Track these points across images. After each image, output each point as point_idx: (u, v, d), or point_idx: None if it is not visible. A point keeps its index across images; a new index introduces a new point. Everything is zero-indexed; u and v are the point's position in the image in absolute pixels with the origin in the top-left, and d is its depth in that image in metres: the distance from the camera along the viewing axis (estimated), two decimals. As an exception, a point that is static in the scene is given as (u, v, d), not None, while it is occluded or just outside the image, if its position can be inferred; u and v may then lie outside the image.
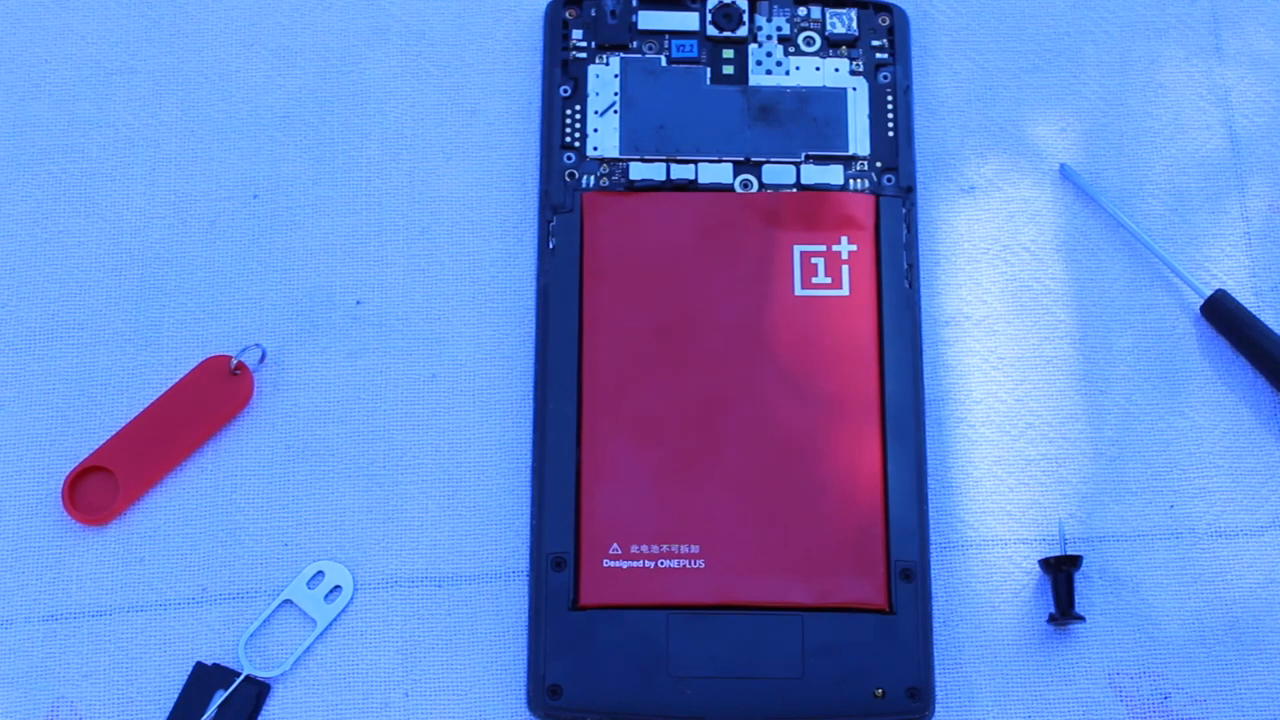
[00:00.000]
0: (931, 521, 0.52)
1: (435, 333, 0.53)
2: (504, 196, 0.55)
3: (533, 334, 0.53)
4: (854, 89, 0.54)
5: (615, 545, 0.50)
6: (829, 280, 0.52)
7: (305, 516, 0.52)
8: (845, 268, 0.52)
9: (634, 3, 0.54)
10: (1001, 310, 0.54)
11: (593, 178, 0.53)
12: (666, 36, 0.54)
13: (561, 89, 0.54)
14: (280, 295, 0.54)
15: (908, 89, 0.54)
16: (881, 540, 0.50)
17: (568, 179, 0.53)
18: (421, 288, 0.54)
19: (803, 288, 0.52)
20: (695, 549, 0.50)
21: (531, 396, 0.53)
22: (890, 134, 0.54)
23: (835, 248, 0.52)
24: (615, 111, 0.54)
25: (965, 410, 0.53)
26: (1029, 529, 0.52)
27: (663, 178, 0.53)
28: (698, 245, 0.52)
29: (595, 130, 0.53)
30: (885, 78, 0.54)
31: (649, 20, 0.54)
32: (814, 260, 0.52)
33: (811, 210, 0.52)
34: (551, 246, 0.52)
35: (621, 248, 0.52)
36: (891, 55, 0.54)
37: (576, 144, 0.53)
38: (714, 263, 0.52)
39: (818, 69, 0.54)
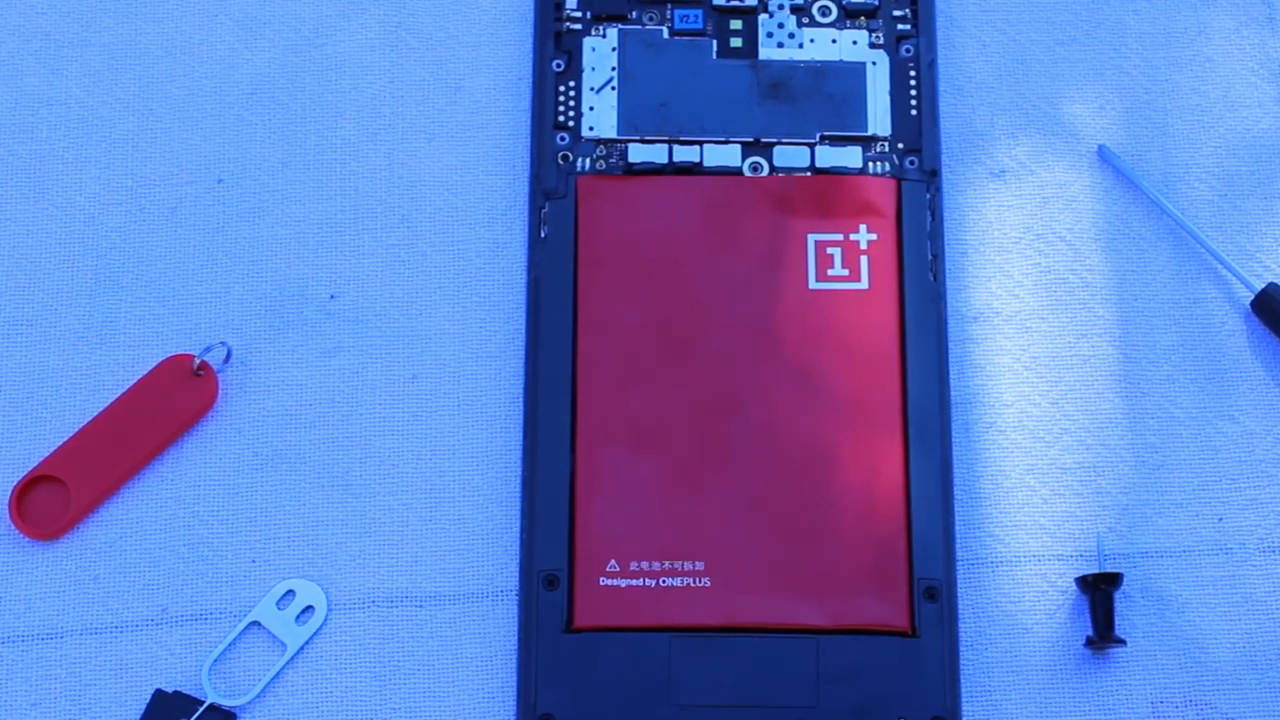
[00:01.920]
0: (958, 536, 0.52)
1: (416, 330, 0.53)
2: (491, 181, 0.55)
3: (523, 331, 0.53)
4: (873, 63, 0.54)
5: (613, 562, 0.50)
6: (846, 272, 0.52)
7: (274, 530, 0.52)
8: (864, 259, 0.52)
9: None
10: (1034, 305, 0.54)
11: (588, 160, 0.53)
12: (669, 6, 0.54)
13: (554, 63, 0.54)
14: (247, 289, 0.54)
15: (932, 63, 0.54)
16: (903, 556, 0.50)
17: (561, 162, 0.53)
18: (401, 280, 0.54)
19: (817, 280, 0.52)
20: (700, 566, 0.50)
21: (521, 399, 0.53)
22: (913, 113, 0.54)
23: (853, 237, 0.52)
24: (613, 88, 0.54)
25: (995, 414, 0.54)
26: (1064, 544, 0.52)
27: (664, 160, 0.53)
28: (703, 234, 0.52)
29: (591, 108, 0.53)
30: (908, 51, 0.54)
31: None
32: (830, 251, 0.52)
33: (827, 196, 0.52)
34: (543, 235, 0.52)
35: (620, 237, 0.52)
36: (914, 26, 0.54)
37: (571, 124, 0.53)
38: (721, 253, 0.52)
39: (834, 41, 0.54)
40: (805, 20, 0.54)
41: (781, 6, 0.55)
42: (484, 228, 0.54)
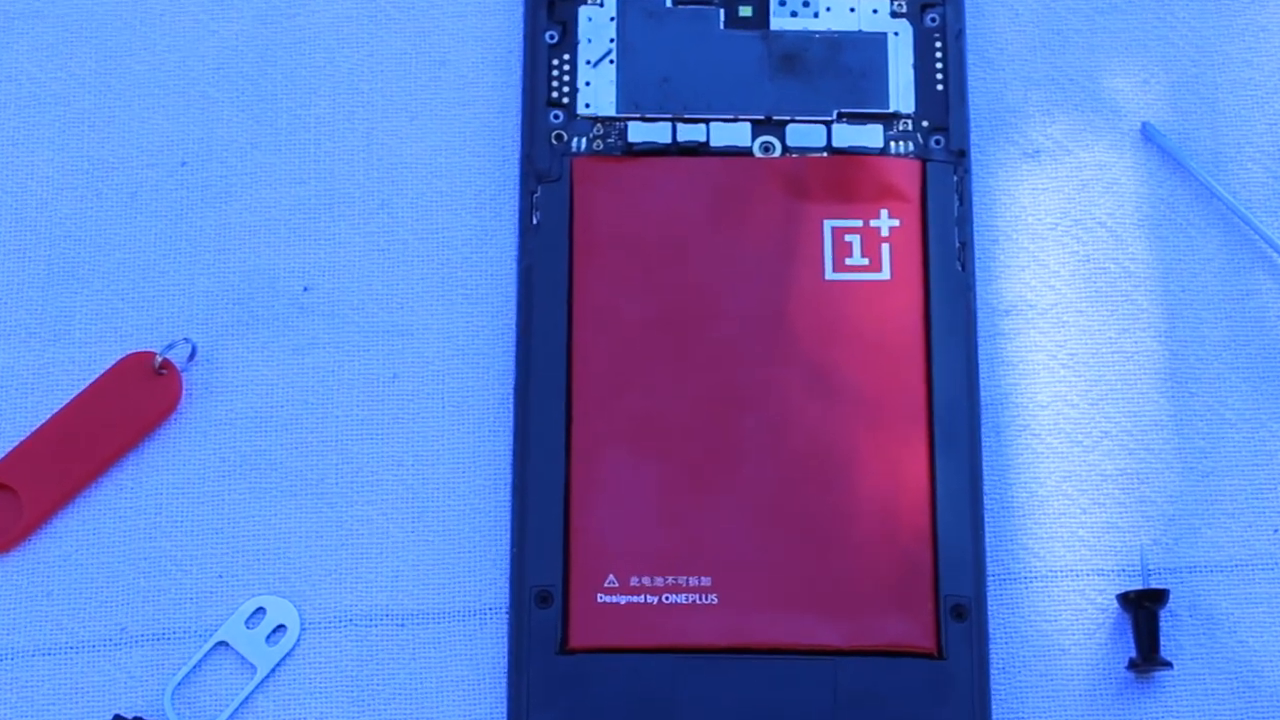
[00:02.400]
0: (989, 548, 0.51)
1: (397, 325, 0.53)
2: (479, 163, 0.54)
3: (513, 326, 0.53)
4: (896, 33, 0.53)
5: (611, 577, 0.49)
6: (866, 262, 0.51)
7: (243, 542, 0.52)
8: (885, 247, 0.51)
9: None
10: (1072, 297, 0.54)
11: (584, 140, 0.53)
12: None
13: (547, 34, 0.53)
14: (213, 280, 0.53)
15: (960, 33, 0.54)
16: (929, 571, 0.49)
17: (554, 141, 0.53)
18: (381, 271, 0.54)
19: (835, 271, 0.51)
20: (707, 581, 0.49)
21: (511, 400, 0.52)
22: (939, 87, 0.53)
23: (874, 223, 0.52)
24: (611, 61, 0.53)
25: (1029, 416, 0.53)
26: (1105, 558, 0.52)
27: (668, 140, 0.53)
28: (709, 220, 0.52)
29: (587, 84, 0.53)
30: (933, 20, 0.54)
31: None
32: (848, 238, 0.51)
33: (845, 178, 0.52)
34: (535, 222, 0.52)
35: (618, 223, 0.51)
36: None
37: (565, 100, 0.53)
38: (729, 241, 0.51)
39: (852, 10, 0.54)
40: (821, -15, 0.54)
41: (794, -28, 0.55)
42: (471, 213, 0.54)
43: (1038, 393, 0.53)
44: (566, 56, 0.53)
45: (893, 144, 0.53)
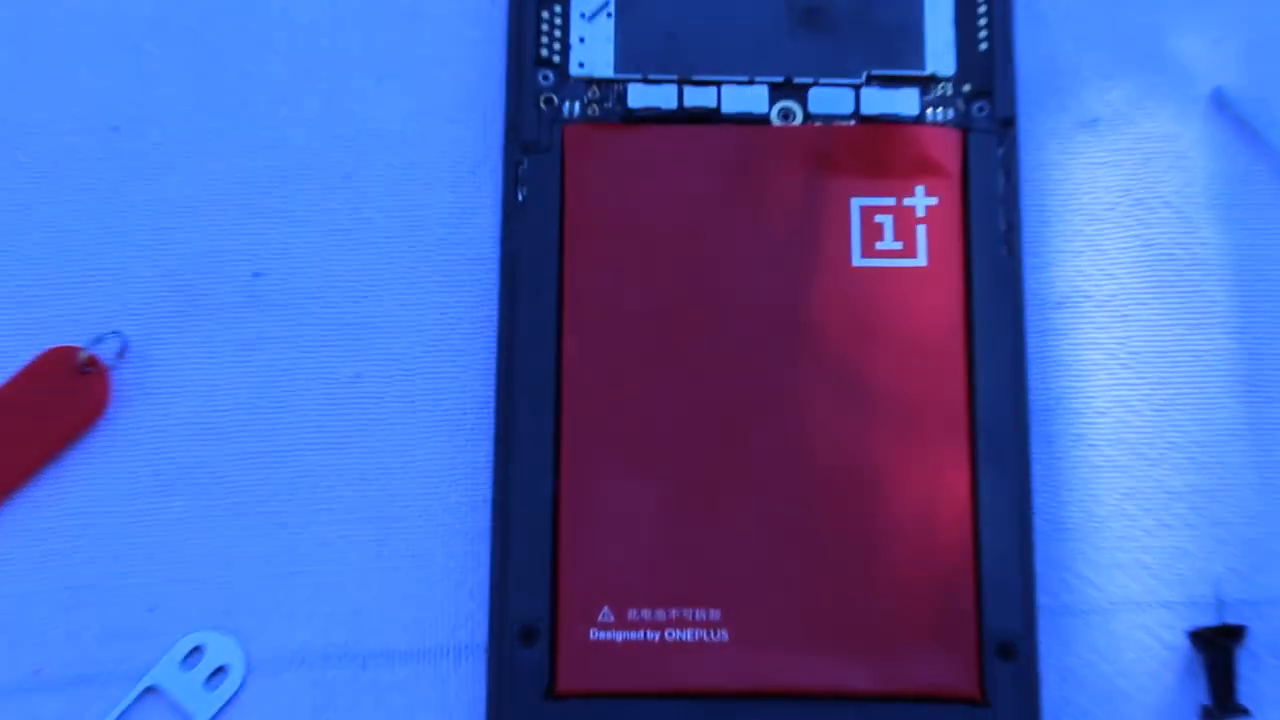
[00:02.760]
0: (1039, 577, 0.50)
1: (362, 317, 0.52)
2: (457, 130, 0.53)
3: (494, 319, 0.52)
4: None
5: (606, 610, 0.48)
6: (899, 246, 0.50)
7: (179, 570, 0.50)
8: (921, 229, 0.50)
9: None
10: (1134, 287, 0.52)
11: (578, 105, 0.52)
12: None
13: None
14: (148, 264, 0.52)
15: None
16: (971, 603, 0.48)
17: (543, 106, 0.52)
18: (343, 255, 0.52)
19: (864, 256, 0.50)
20: (716, 614, 0.48)
21: (492, 405, 0.51)
22: (983, 46, 0.52)
23: (908, 201, 0.51)
24: (609, 14, 0.52)
25: (1085, 424, 0.51)
26: (1173, 588, 0.50)
27: (673, 105, 0.51)
28: (720, 198, 0.51)
29: (581, 40, 0.52)
30: None
31: None
32: (879, 219, 0.50)
33: (876, 151, 0.51)
34: (521, 199, 0.51)
35: (616, 200, 0.50)
36: None
37: (556, 59, 0.52)
38: (742, 223, 0.50)
39: None
40: (849, -71, 0.55)
41: (820, -89, 0.55)
42: (447, 189, 0.53)
43: (1095, 397, 0.52)
44: (558, 9, 0.52)
45: (930, 111, 0.52)
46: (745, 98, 0.52)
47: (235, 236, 0.52)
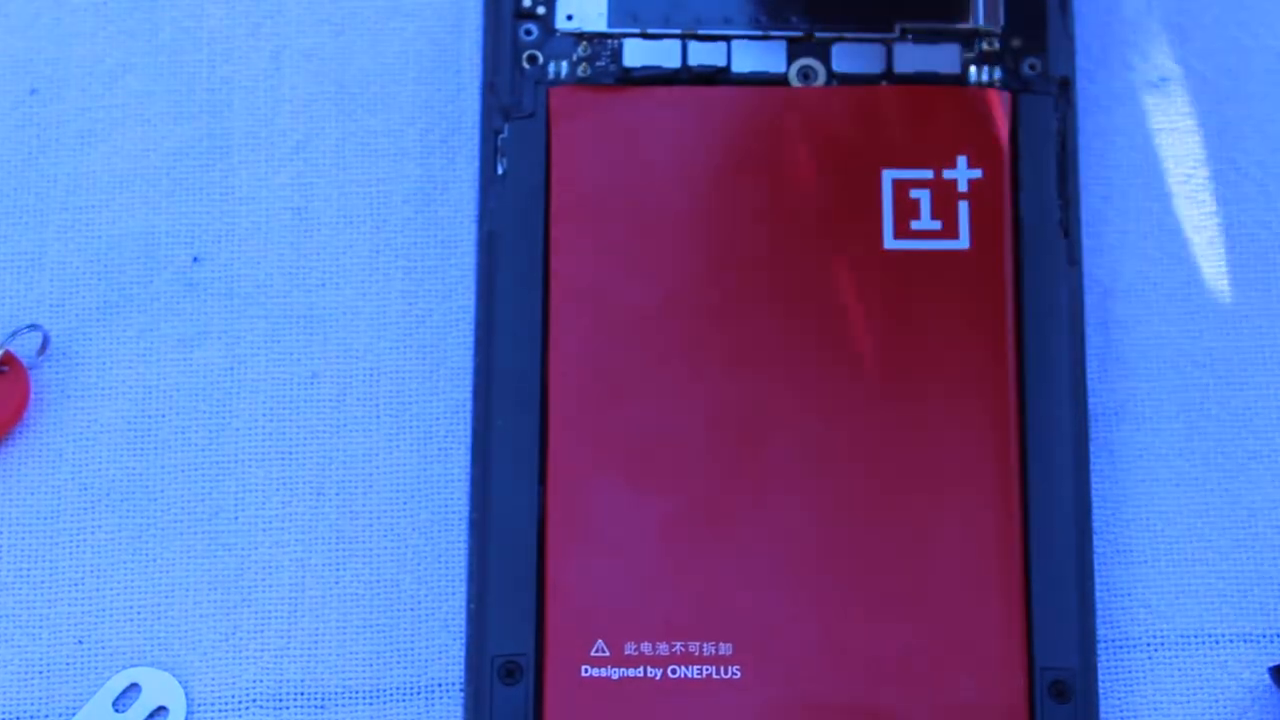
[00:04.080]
0: (1100, 606, 0.52)
1: (317, 308, 0.54)
2: (426, 93, 0.55)
3: (470, 310, 0.53)
4: None
5: (599, 644, 0.50)
6: (938, 225, 0.52)
7: (110, 597, 0.52)
8: (963, 205, 0.52)
9: None
10: (1209, 273, 0.54)
11: (565, 64, 0.53)
12: None
13: None
14: (71, 248, 0.54)
15: None
16: (1019, 635, 0.50)
17: (527, 66, 0.53)
18: (295, 237, 0.54)
19: (897, 237, 0.52)
20: (727, 649, 0.50)
21: (468, 409, 0.53)
22: None
23: (948, 174, 0.52)
24: None
25: (1151, 431, 0.53)
26: (1252, 619, 0.52)
27: (675, 64, 0.53)
28: (730, 171, 0.52)
29: None
30: None
31: None
32: (915, 194, 0.52)
33: (911, 116, 0.53)
34: (501, 171, 0.52)
35: (610, 174, 0.52)
36: None
37: (541, 10, 0.53)
38: (756, 199, 0.52)
39: None
40: None
41: None
42: (415, 160, 0.54)
43: (1162, 400, 0.54)
44: None
45: (974, 69, 0.54)
46: (759, 55, 0.53)
47: (170, 216, 0.54)
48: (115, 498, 0.52)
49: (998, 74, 0.54)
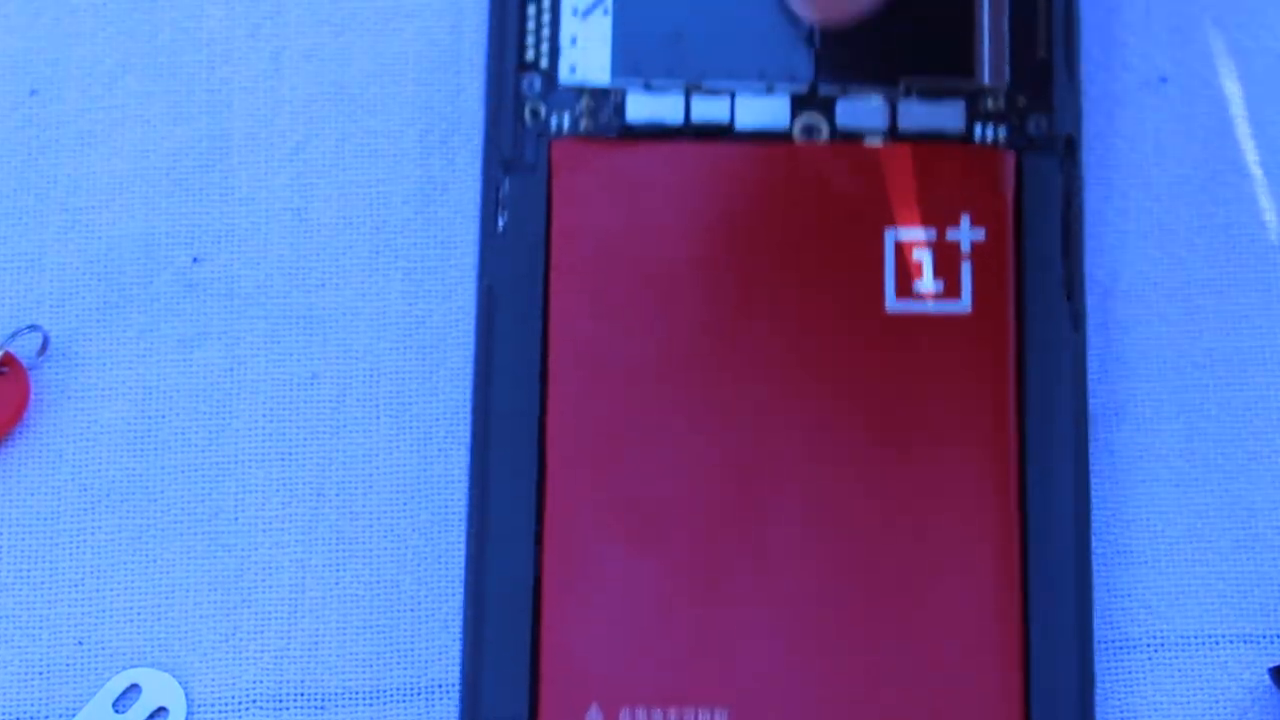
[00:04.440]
0: (1101, 607, 0.52)
1: (317, 308, 0.54)
2: (425, 93, 0.55)
3: (468, 310, 0.53)
4: None
5: (595, 709, 0.49)
6: (940, 287, 0.52)
7: (110, 598, 0.52)
8: (967, 266, 0.52)
9: None
10: (1209, 274, 0.54)
11: (568, 116, 0.53)
12: None
13: None
14: (71, 250, 0.54)
15: None
16: (1018, 705, 0.50)
17: (529, 119, 0.53)
18: (295, 238, 0.54)
19: (899, 299, 0.51)
20: (723, 715, 0.49)
21: (467, 409, 0.52)
22: (1041, 50, 0.53)
23: (952, 235, 0.52)
24: (605, 11, 0.53)
25: (1152, 433, 0.53)
26: (1254, 619, 0.52)
27: (679, 119, 0.53)
28: (731, 228, 0.52)
29: (573, 40, 0.53)
30: None
31: None
32: (918, 254, 0.52)
33: (915, 174, 0.52)
34: (501, 226, 0.52)
35: (611, 230, 0.52)
36: None
37: (544, 62, 0.53)
38: (757, 257, 0.52)
39: None
40: (886, -95, 0.54)
41: (851, -113, 0.54)
42: (414, 162, 0.54)
43: (1163, 402, 0.54)
44: (546, 3, 0.54)
45: (978, 127, 0.53)
46: (763, 110, 0.53)
47: (170, 217, 0.54)
48: (115, 498, 0.52)
49: (1003, 132, 0.53)
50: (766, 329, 0.52)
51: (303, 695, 0.51)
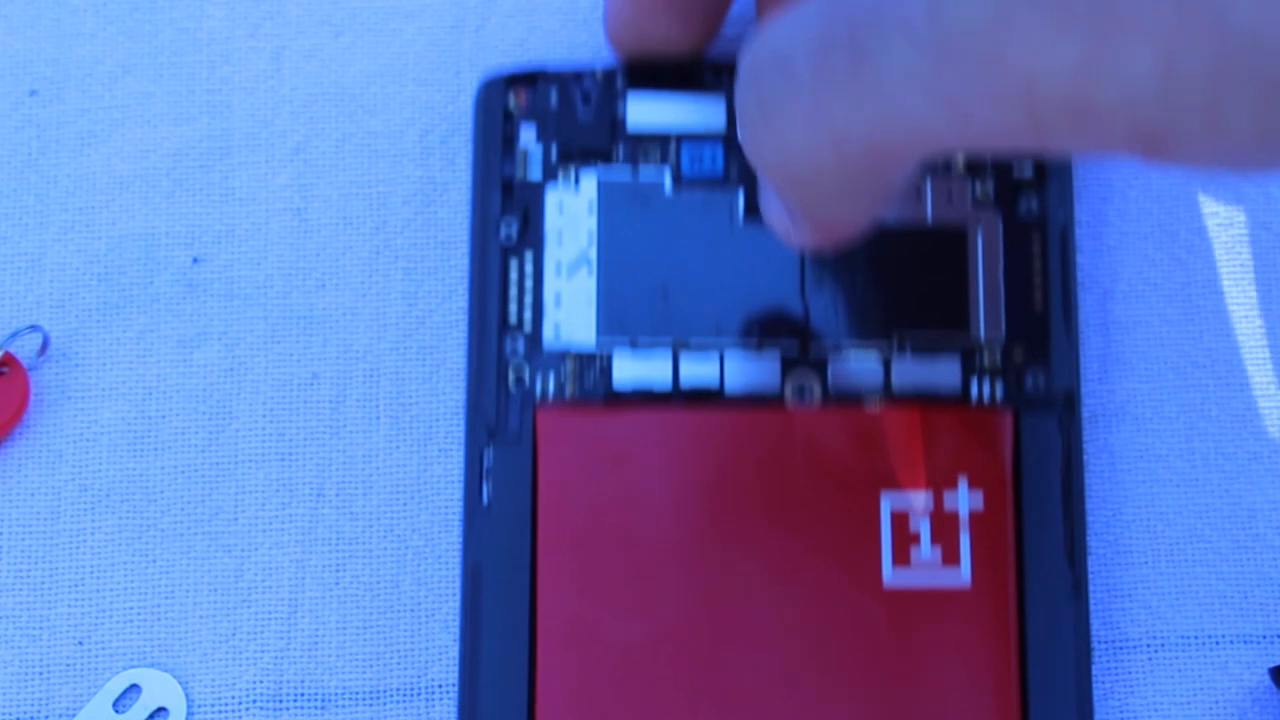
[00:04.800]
0: (1099, 608, 0.52)
1: (316, 309, 0.54)
2: (425, 94, 0.55)
3: (468, 310, 0.53)
4: (979, 224, 0.53)
5: None
6: (937, 557, 0.51)
7: (110, 598, 0.52)
8: (965, 537, 0.51)
9: (620, 83, 0.53)
10: (1209, 274, 0.54)
11: (552, 381, 0.52)
12: (673, 141, 0.53)
13: (502, 227, 0.53)
14: (71, 249, 0.54)
15: (1069, 228, 0.53)
16: None
17: (513, 385, 0.52)
18: (294, 239, 0.54)
19: (897, 568, 0.51)
20: None
21: (463, 410, 0.52)
22: (1039, 306, 0.53)
23: (949, 500, 0.51)
24: (589, 269, 0.52)
25: (1150, 433, 0.53)
26: (1253, 619, 0.52)
27: (667, 383, 0.52)
28: (725, 497, 0.51)
29: (557, 300, 0.52)
30: (1029, 210, 0.53)
31: (645, 112, 0.53)
32: (914, 522, 0.51)
33: (910, 438, 0.51)
34: (486, 501, 0.51)
35: (600, 501, 0.51)
36: (1042, 171, 0.53)
37: (526, 323, 0.52)
38: (750, 528, 0.51)
39: (919, 194, 0.53)
40: (878, 160, 0.53)
41: (842, 139, 0.53)
42: (415, 161, 0.54)
43: (1163, 402, 0.54)
44: (529, 256, 0.53)
45: (974, 384, 0.52)
46: (754, 371, 0.52)
47: (170, 217, 0.54)
48: (115, 498, 0.52)
49: (999, 388, 0.52)
50: (761, 604, 0.50)
51: (302, 695, 0.52)
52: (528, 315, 0.52)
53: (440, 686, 0.52)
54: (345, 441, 0.53)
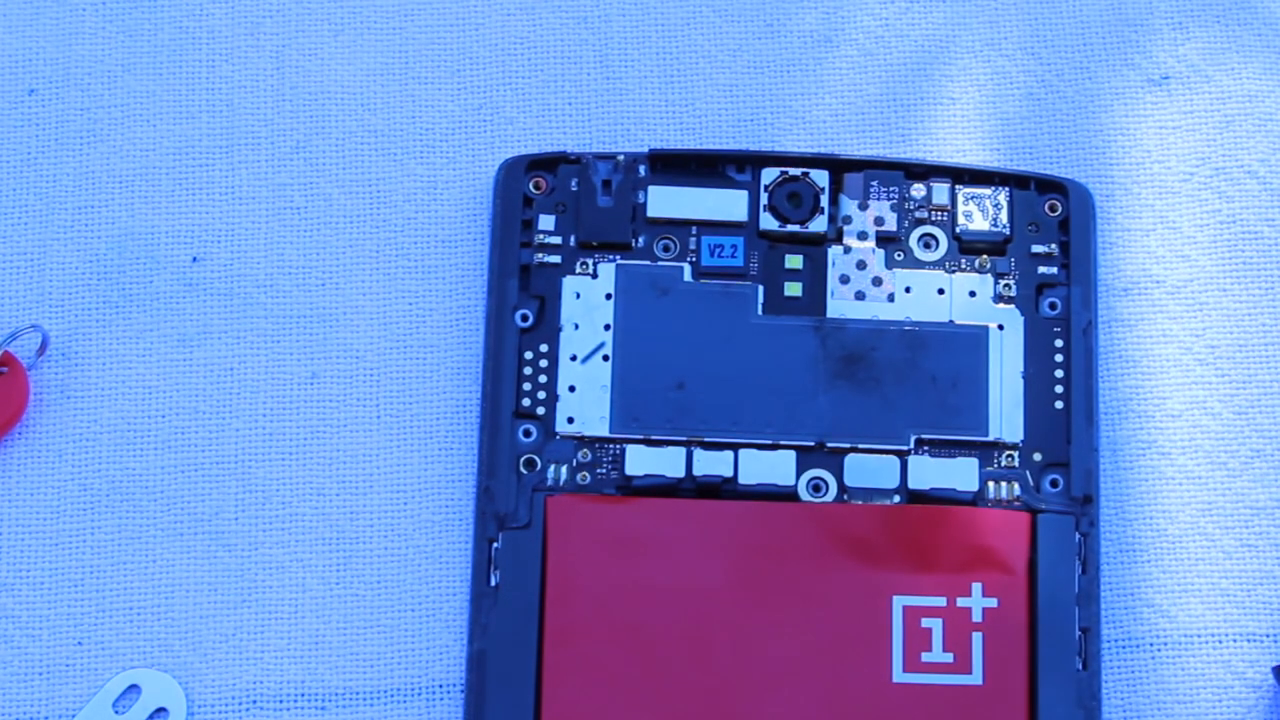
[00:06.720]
0: (1104, 605, 0.52)
1: (317, 308, 0.54)
2: (427, 92, 0.55)
3: (472, 309, 0.53)
4: (1000, 326, 0.53)
5: None
6: (951, 658, 0.51)
7: (110, 598, 0.52)
8: (978, 637, 0.51)
9: (642, 171, 0.53)
10: (1212, 271, 0.54)
11: (565, 470, 0.52)
12: (693, 230, 0.53)
13: (518, 315, 0.53)
14: (72, 248, 0.54)
15: (1090, 326, 0.52)
16: None
17: (523, 470, 0.52)
18: (295, 237, 0.54)
19: (907, 670, 0.51)
20: None
21: (468, 408, 0.53)
22: (1058, 405, 0.52)
23: (963, 602, 0.51)
24: (605, 358, 0.52)
25: (1155, 429, 0.53)
26: (1256, 618, 0.52)
27: (680, 474, 0.52)
28: (736, 590, 0.51)
29: (571, 389, 0.52)
30: (1053, 307, 0.53)
31: (665, 202, 0.53)
32: (927, 623, 0.51)
33: (924, 537, 0.51)
34: (494, 584, 0.51)
35: (610, 591, 0.51)
36: (1065, 268, 0.53)
37: (540, 411, 0.52)
38: (763, 620, 0.51)
39: (941, 291, 0.53)
40: (898, 257, 0.53)
41: (863, 235, 0.53)
42: (415, 158, 0.55)
43: (1167, 398, 0.54)
44: (544, 347, 0.53)
45: (992, 486, 0.52)
46: (768, 466, 0.52)
47: (171, 216, 0.54)
48: (115, 498, 0.52)
49: (1017, 492, 0.52)
50: (768, 700, 0.51)
51: (304, 695, 0.52)
52: (541, 402, 0.52)
53: (441, 686, 0.51)
54: (347, 440, 0.53)
